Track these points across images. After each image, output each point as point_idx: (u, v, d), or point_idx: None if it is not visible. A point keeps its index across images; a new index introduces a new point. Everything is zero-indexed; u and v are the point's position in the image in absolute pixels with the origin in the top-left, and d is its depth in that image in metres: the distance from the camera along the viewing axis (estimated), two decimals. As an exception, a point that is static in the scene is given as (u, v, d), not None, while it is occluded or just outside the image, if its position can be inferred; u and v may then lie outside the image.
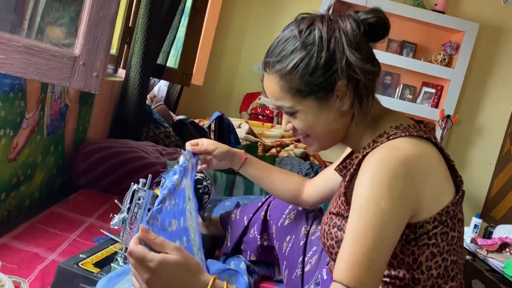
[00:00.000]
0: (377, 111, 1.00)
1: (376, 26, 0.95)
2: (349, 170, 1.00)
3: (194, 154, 1.24)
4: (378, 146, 0.91)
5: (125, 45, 2.64)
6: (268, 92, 1.01)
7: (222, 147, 1.31)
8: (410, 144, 0.89)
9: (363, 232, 0.85)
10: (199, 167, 1.26)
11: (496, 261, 2.63)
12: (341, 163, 1.04)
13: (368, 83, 0.94)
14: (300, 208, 1.44)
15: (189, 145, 1.26)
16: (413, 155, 0.87)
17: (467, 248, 2.87)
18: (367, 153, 0.92)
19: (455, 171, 0.95)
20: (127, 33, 2.62)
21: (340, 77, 0.92)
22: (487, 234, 3.17)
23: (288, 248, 1.36)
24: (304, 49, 0.93)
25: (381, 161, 0.86)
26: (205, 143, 1.28)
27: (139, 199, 1.13)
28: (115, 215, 1.14)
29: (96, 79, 1.27)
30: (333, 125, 0.98)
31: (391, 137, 0.91)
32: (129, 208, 1.14)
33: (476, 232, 3.12)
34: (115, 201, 1.22)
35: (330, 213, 1.03)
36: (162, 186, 1.04)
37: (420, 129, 0.95)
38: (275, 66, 0.96)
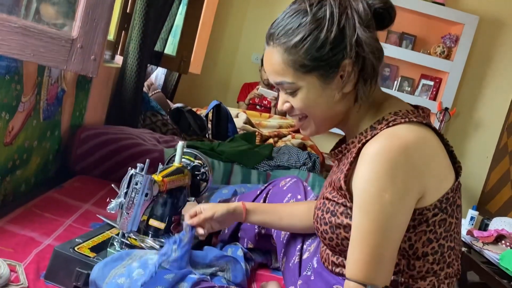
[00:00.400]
0: (377, 95, 0.99)
1: (384, 13, 0.94)
2: (346, 156, 0.98)
3: (192, 227, 1.20)
4: (377, 134, 0.90)
5: (123, 32, 2.61)
6: (269, 66, 0.97)
7: (220, 208, 1.23)
8: (410, 131, 0.88)
9: (370, 228, 0.84)
10: (201, 231, 1.22)
11: (492, 253, 2.64)
12: (335, 148, 1.03)
13: (375, 64, 0.92)
14: (299, 197, 1.43)
15: (187, 217, 1.22)
16: (413, 142, 0.86)
17: (463, 240, 2.88)
18: (367, 141, 0.90)
19: (453, 157, 0.94)
20: (125, 19, 2.59)
21: (348, 54, 0.90)
22: (483, 226, 3.19)
23: (287, 235, 1.36)
24: (313, 23, 0.90)
25: (381, 151, 0.85)
26: (203, 212, 1.22)
27: (136, 184, 1.12)
28: (112, 200, 1.12)
29: (93, 63, 1.25)
30: (333, 107, 0.96)
31: (390, 124, 0.90)
32: (126, 193, 1.12)
33: (472, 224, 3.13)
34: (112, 185, 1.21)
35: (323, 198, 1.01)
36: (161, 251, 1.05)
37: (419, 114, 0.94)
38: (280, 39, 0.93)
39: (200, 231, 1.20)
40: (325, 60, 0.91)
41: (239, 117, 3.23)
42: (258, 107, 4.09)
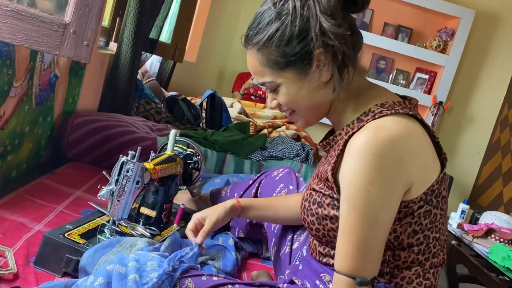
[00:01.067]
0: (361, 85, 0.99)
1: None
2: (333, 148, 0.98)
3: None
4: (363, 126, 0.90)
5: (118, 18, 2.59)
6: (250, 68, 1.00)
7: (218, 212, 1.23)
8: (396, 123, 0.88)
9: (357, 221, 0.85)
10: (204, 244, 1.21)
11: (481, 247, 2.66)
12: (324, 139, 1.03)
13: (345, 50, 0.92)
14: (291, 187, 1.43)
15: (191, 234, 1.21)
16: (400, 135, 0.86)
17: (453, 233, 2.90)
18: (353, 133, 0.90)
19: (439, 148, 0.95)
20: (120, 5, 2.56)
21: (316, 45, 0.91)
22: (474, 220, 3.21)
23: (278, 226, 1.36)
24: (278, 20, 0.92)
25: (367, 144, 0.85)
26: (205, 224, 1.21)
27: (127, 171, 1.12)
28: (103, 187, 1.12)
29: (86, 48, 1.24)
30: (315, 97, 0.96)
31: (376, 116, 0.90)
32: (117, 180, 1.12)
33: (463, 218, 3.15)
34: (103, 172, 1.21)
35: (310, 189, 1.02)
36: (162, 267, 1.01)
37: (406, 106, 0.94)
38: (253, 40, 0.96)
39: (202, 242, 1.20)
40: (296, 54, 0.92)
41: (234, 107, 3.22)
42: (253, 97, 4.08)
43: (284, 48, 0.92)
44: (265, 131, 2.97)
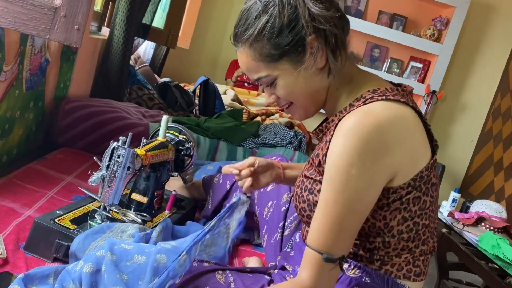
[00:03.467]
0: (352, 71, 0.99)
1: None
2: (326, 135, 0.98)
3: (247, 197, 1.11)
4: (353, 110, 0.90)
5: (110, 3, 2.55)
6: (243, 66, 0.99)
7: (260, 159, 1.17)
8: (386, 108, 0.87)
9: (333, 199, 0.85)
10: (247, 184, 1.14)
11: (472, 235, 2.69)
12: (317, 127, 1.03)
13: (337, 32, 0.92)
14: (282, 174, 1.43)
15: (231, 169, 1.14)
16: (388, 120, 0.85)
17: (444, 221, 2.92)
18: (343, 117, 0.91)
19: (431, 135, 0.95)
20: (113, -10, 2.53)
21: (308, 32, 0.91)
22: (465, 209, 3.24)
23: (269, 213, 1.36)
24: (266, 12, 0.91)
25: (353, 127, 0.85)
26: (244, 161, 1.17)
27: (118, 157, 1.11)
28: (93, 173, 1.11)
29: (77, 32, 1.23)
30: (312, 85, 0.96)
31: (367, 101, 0.90)
32: (108, 166, 1.11)
33: (454, 206, 3.17)
34: (94, 158, 1.20)
35: (302, 176, 1.02)
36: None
37: (398, 92, 0.94)
38: (243, 36, 0.95)
39: (247, 183, 1.13)
40: (288, 44, 0.92)
41: (227, 94, 3.21)
42: (246, 84, 4.06)
43: (276, 39, 0.92)
44: (258, 118, 2.97)
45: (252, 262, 1.30)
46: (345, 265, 0.93)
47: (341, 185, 0.85)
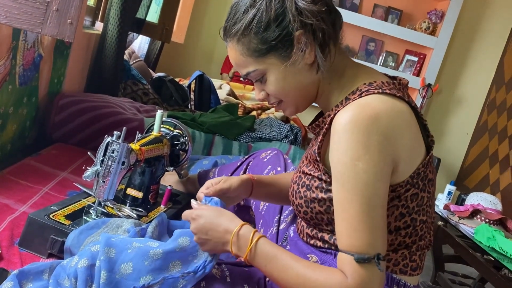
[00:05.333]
0: (345, 65, 0.98)
1: None
2: (322, 129, 0.98)
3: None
4: (349, 103, 0.89)
5: (104, -3, 2.54)
6: (232, 61, 0.99)
7: (234, 181, 1.13)
8: (382, 101, 0.87)
9: (348, 198, 0.83)
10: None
11: (467, 227, 2.70)
12: (313, 122, 1.02)
13: (324, 27, 0.91)
14: (278, 169, 1.43)
15: (203, 189, 1.10)
16: (385, 112, 0.85)
17: (440, 214, 2.93)
18: (339, 110, 0.90)
19: (427, 130, 0.94)
20: (106, -16, 2.52)
21: (295, 26, 0.90)
22: (460, 201, 3.25)
23: (265, 207, 1.36)
24: (253, 7, 0.91)
25: (352, 120, 0.84)
26: (219, 183, 1.11)
27: (112, 152, 1.10)
28: (88, 168, 1.11)
29: (70, 27, 1.21)
30: (301, 80, 0.95)
31: (363, 94, 0.89)
32: (102, 161, 1.11)
33: (449, 199, 3.18)
34: (89, 153, 1.20)
35: (299, 172, 1.01)
36: None
37: (394, 86, 0.93)
38: (231, 31, 0.95)
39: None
40: (276, 39, 0.91)
41: (223, 88, 3.20)
42: (242, 78, 4.05)
43: (263, 34, 0.91)
44: (254, 113, 2.96)
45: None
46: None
47: (350, 182, 0.83)
